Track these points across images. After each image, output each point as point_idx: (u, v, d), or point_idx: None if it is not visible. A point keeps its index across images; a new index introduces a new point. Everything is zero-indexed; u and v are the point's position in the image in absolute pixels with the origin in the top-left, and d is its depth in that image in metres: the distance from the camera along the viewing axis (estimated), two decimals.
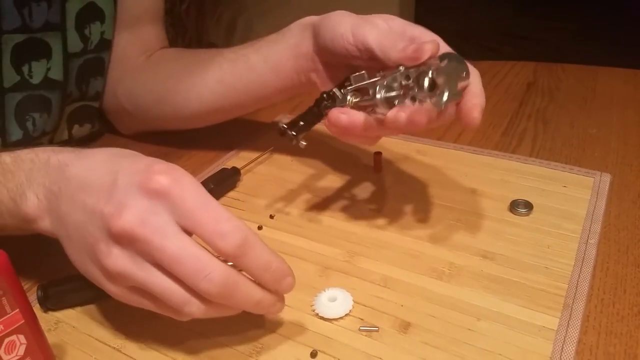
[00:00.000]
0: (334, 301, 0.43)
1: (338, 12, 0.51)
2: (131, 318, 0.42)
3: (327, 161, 0.63)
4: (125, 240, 0.35)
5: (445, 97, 0.40)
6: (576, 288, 0.44)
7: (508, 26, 2.99)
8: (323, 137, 0.67)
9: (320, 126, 0.48)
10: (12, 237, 0.41)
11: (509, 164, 0.61)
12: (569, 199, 0.54)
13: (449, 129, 0.69)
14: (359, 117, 0.44)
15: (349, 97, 0.46)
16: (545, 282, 0.44)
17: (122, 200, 0.35)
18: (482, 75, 0.45)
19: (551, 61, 0.91)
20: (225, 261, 0.35)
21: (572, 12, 3.03)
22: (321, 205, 0.56)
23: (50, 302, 0.43)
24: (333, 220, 0.53)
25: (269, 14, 0.56)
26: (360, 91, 0.46)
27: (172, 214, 0.35)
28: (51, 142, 0.65)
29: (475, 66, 0.45)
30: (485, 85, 0.45)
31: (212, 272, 0.34)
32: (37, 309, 0.43)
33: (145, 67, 0.67)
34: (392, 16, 0.49)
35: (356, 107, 0.45)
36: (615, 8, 3.01)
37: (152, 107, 0.66)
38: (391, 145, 0.65)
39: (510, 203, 0.53)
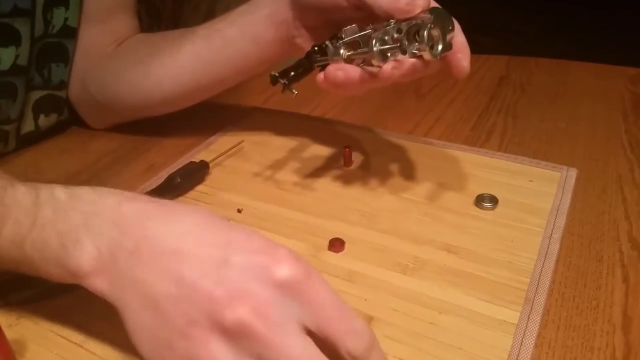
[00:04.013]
0: None
1: None
2: (93, 314, 0.42)
3: (297, 155, 0.63)
4: (237, 334, 0.29)
5: (439, 48, 0.44)
6: (538, 282, 0.44)
7: (489, 18, 3.01)
8: (293, 130, 0.67)
9: (288, 119, 0.48)
10: None
11: (477, 158, 0.61)
12: (534, 193, 0.55)
13: (419, 124, 0.70)
14: (354, 72, 0.45)
15: (342, 51, 0.46)
16: (508, 276, 0.45)
17: (240, 286, 0.30)
18: None
19: (530, 54, 0.92)
20: None
21: (553, 5, 3.06)
22: (289, 199, 0.55)
23: (12, 297, 0.43)
24: (300, 214, 0.53)
25: None
26: (351, 44, 0.46)
27: (296, 309, 0.30)
28: (17, 131, 0.64)
29: None
30: None
31: None
32: None
33: (114, 55, 0.66)
34: None
35: (348, 60, 0.46)
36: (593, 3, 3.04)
37: (123, 94, 0.65)
38: (361, 139, 0.65)
39: (476, 197, 0.53)
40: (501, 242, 0.49)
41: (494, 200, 0.53)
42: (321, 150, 0.64)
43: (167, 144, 0.67)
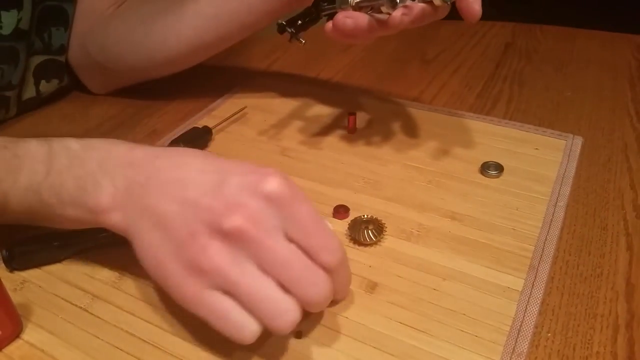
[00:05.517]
0: None
1: None
2: (98, 279, 0.42)
3: (301, 122, 0.62)
4: (234, 238, 0.33)
5: None
6: (542, 250, 0.44)
7: None
8: (297, 96, 0.66)
9: (292, 85, 0.48)
10: None
11: (483, 126, 0.61)
12: (540, 161, 0.55)
13: (424, 91, 0.69)
14: (363, 19, 0.45)
15: None
16: (512, 243, 0.45)
17: (236, 198, 0.33)
18: (461, 35, 0.45)
19: (533, 22, 0.90)
20: None
21: None
22: (293, 166, 0.55)
23: (16, 262, 0.43)
24: (304, 181, 0.53)
25: None
26: None
27: (282, 219, 0.34)
28: (19, 97, 0.64)
29: (453, 26, 0.45)
30: (463, 45, 0.44)
31: (321, 282, 0.34)
32: (2, 268, 0.43)
33: (115, 16, 0.65)
34: None
35: (356, 8, 0.46)
36: None
37: (125, 56, 0.64)
38: (366, 106, 0.64)
39: (481, 165, 0.53)
40: (506, 209, 0.48)
41: (499, 168, 0.53)
42: (325, 117, 0.63)
43: (169, 109, 0.66)
